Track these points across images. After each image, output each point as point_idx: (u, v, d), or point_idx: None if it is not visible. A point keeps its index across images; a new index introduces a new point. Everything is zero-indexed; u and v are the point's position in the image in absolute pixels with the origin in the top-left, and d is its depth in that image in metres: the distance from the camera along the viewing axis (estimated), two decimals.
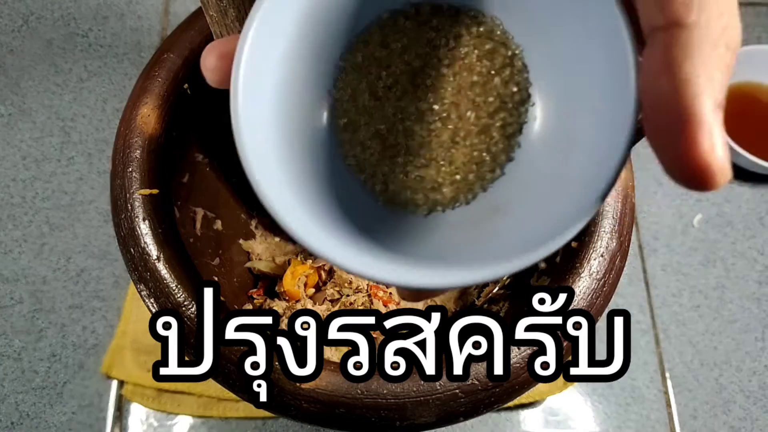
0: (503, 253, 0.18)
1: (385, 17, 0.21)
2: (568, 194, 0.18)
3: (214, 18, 0.30)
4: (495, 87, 0.20)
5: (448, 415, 0.31)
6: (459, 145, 0.21)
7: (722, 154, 0.14)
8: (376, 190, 0.21)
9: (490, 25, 0.20)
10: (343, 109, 0.21)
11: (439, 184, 0.21)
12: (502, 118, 0.21)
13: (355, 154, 0.21)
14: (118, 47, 0.63)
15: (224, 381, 0.31)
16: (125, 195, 0.35)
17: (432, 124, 0.21)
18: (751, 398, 0.52)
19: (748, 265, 0.57)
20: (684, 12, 0.15)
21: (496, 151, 0.21)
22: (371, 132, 0.21)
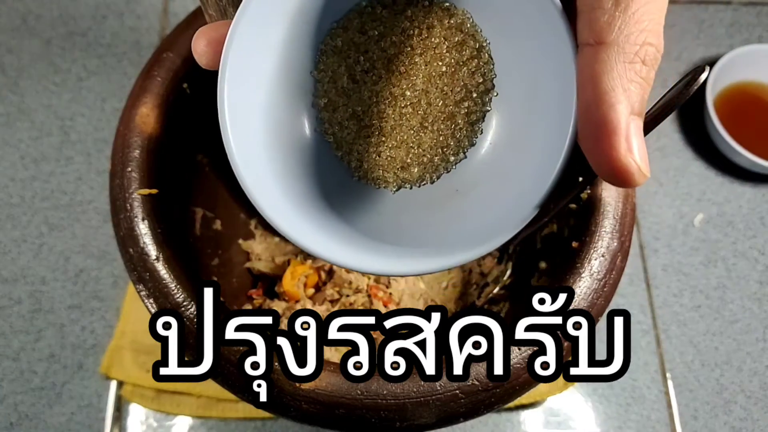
0: (457, 241, 0.20)
1: (364, 5, 0.22)
2: (514, 191, 0.21)
3: (213, 17, 0.30)
4: (462, 77, 0.22)
5: (449, 415, 0.31)
6: (427, 129, 0.23)
7: (639, 156, 0.17)
8: (352, 167, 0.24)
9: (461, 17, 0.22)
10: (323, 89, 0.23)
11: (408, 164, 0.23)
12: (467, 107, 0.22)
13: (333, 132, 0.23)
14: (118, 46, 0.63)
15: (224, 381, 0.31)
16: (124, 195, 0.35)
17: (404, 108, 0.23)
18: (752, 398, 0.52)
19: (750, 265, 0.57)
20: (606, 31, 0.17)
21: (460, 136, 0.23)
22: (349, 113, 0.23)
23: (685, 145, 0.62)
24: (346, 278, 0.45)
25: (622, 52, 0.17)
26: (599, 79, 0.17)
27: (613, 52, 0.17)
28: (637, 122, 0.17)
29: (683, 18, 0.68)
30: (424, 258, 0.20)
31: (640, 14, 0.17)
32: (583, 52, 0.18)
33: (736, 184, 0.60)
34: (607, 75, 0.17)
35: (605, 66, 0.17)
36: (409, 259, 0.20)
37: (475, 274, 0.47)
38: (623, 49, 0.17)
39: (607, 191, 0.35)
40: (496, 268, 0.45)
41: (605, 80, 0.17)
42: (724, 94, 0.61)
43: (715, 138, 0.58)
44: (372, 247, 0.21)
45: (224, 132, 0.20)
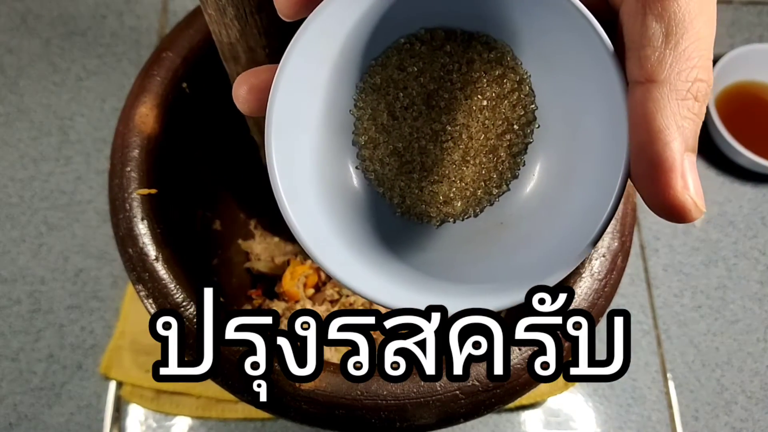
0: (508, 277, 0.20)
1: (402, 42, 0.22)
2: (564, 225, 0.21)
3: (212, 17, 0.30)
4: (503, 110, 0.22)
5: (449, 416, 0.30)
6: (469, 163, 0.23)
7: (694, 192, 0.17)
8: (394, 203, 0.24)
9: (500, 51, 0.22)
10: (363, 127, 0.23)
11: (451, 199, 0.23)
12: (509, 139, 0.22)
13: (374, 169, 0.23)
14: (117, 46, 0.63)
15: (223, 382, 0.31)
16: (123, 195, 0.35)
17: (445, 143, 0.23)
18: (753, 399, 0.51)
19: (750, 266, 0.57)
20: (657, 69, 0.17)
21: (502, 169, 0.23)
22: (389, 149, 0.23)
23: None
24: None
25: (675, 89, 0.17)
26: (652, 117, 0.17)
27: (665, 90, 0.17)
28: (691, 158, 0.17)
29: None
30: (475, 296, 0.20)
31: (690, 51, 0.17)
32: (634, 89, 0.18)
33: (736, 184, 0.60)
34: (661, 113, 0.17)
35: (658, 104, 0.17)
36: (460, 297, 0.20)
37: None
38: (675, 87, 0.17)
39: None
40: None
41: (659, 119, 0.17)
42: (724, 93, 0.61)
43: (715, 138, 0.58)
44: (420, 283, 0.21)
45: (273, 178, 0.20)
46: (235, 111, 0.37)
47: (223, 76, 0.35)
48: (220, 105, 0.39)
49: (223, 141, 0.44)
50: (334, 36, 0.20)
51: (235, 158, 0.46)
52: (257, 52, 0.31)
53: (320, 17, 0.19)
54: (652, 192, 0.17)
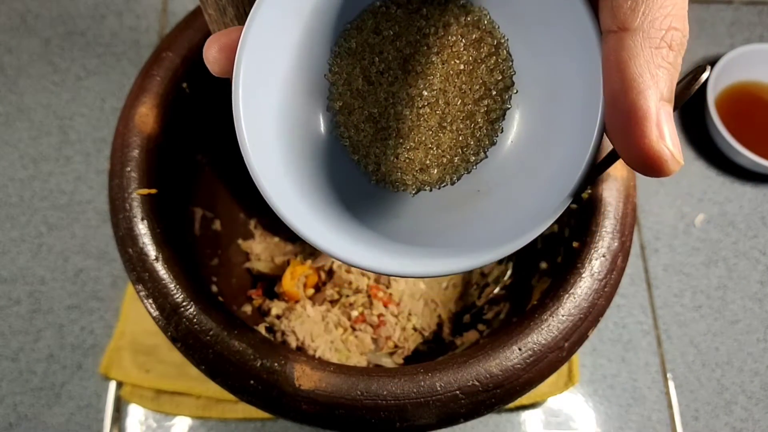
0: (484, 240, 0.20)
1: (378, 5, 0.22)
2: (543, 186, 0.20)
3: (212, 17, 0.30)
4: (481, 75, 0.22)
5: (449, 416, 0.30)
6: (446, 129, 0.22)
7: (671, 143, 0.16)
8: (369, 170, 0.23)
9: (477, 14, 0.21)
10: (338, 92, 0.22)
11: (427, 166, 0.23)
12: (486, 105, 0.22)
13: (349, 135, 0.23)
14: (117, 46, 0.63)
15: (223, 382, 0.31)
16: (123, 195, 0.35)
17: (421, 109, 0.22)
18: (753, 399, 0.51)
19: (751, 266, 0.57)
20: (630, 17, 0.16)
21: (480, 135, 0.22)
22: (365, 115, 0.22)
23: (686, 145, 0.61)
24: (346, 278, 0.45)
25: (648, 37, 0.16)
26: (626, 65, 0.17)
27: (638, 38, 0.16)
28: (667, 108, 0.17)
29: None
30: (449, 258, 0.20)
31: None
32: (608, 39, 0.17)
33: (737, 184, 0.60)
34: (634, 61, 0.16)
35: (631, 52, 0.16)
36: (433, 259, 0.20)
37: (475, 274, 0.47)
38: (649, 35, 0.16)
39: (608, 191, 0.35)
40: (496, 268, 0.45)
41: (632, 66, 0.16)
42: (725, 93, 0.61)
43: (716, 138, 0.58)
44: (392, 248, 0.21)
45: (240, 137, 0.20)
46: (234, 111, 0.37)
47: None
48: (220, 105, 0.39)
49: (223, 141, 0.44)
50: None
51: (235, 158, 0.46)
52: None
53: None
54: (627, 143, 0.17)
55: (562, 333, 0.31)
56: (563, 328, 0.32)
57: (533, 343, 0.31)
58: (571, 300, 0.32)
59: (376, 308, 0.44)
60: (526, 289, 0.39)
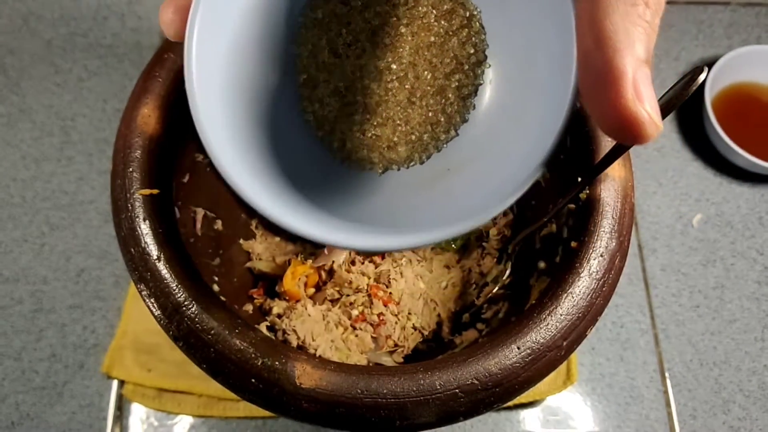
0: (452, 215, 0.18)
1: None
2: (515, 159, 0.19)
3: None
4: (452, 48, 0.21)
5: (448, 414, 0.31)
6: (415, 105, 0.21)
7: (649, 105, 0.15)
8: (334, 147, 0.22)
9: None
10: (302, 65, 0.21)
11: (395, 144, 0.21)
12: (458, 80, 0.21)
13: (313, 110, 0.21)
14: (119, 47, 0.63)
15: (224, 380, 0.31)
16: (126, 195, 0.35)
17: (390, 83, 0.21)
18: (751, 398, 0.52)
19: (748, 265, 0.57)
20: None
21: (451, 111, 0.21)
22: (330, 89, 0.21)
23: (683, 146, 0.62)
24: (347, 278, 0.45)
25: None
26: (599, 23, 0.15)
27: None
28: (644, 70, 0.15)
29: (682, 18, 0.68)
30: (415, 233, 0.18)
31: None
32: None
33: (734, 185, 0.60)
34: (608, 18, 0.15)
35: (605, 10, 0.15)
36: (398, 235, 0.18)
37: (474, 274, 0.47)
38: None
39: (606, 192, 0.35)
40: (495, 267, 0.46)
41: (606, 24, 0.15)
42: (722, 94, 0.61)
43: (713, 138, 0.59)
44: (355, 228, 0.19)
45: (193, 107, 0.17)
46: None
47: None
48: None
49: None
50: None
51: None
52: None
53: None
54: (601, 106, 0.15)
55: (561, 332, 0.32)
56: (562, 327, 0.32)
57: (532, 342, 0.31)
58: (569, 299, 0.32)
59: (376, 307, 0.44)
60: (525, 289, 0.39)
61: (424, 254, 0.47)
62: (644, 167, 0.61)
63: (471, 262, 0.48)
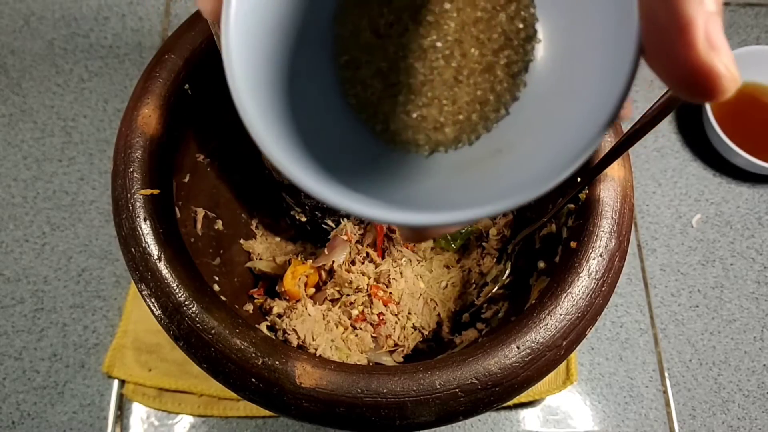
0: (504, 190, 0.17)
1: None
2: (572, 129, 0.18)
3: None
4: (500, 23, 0.20)
5: (448, 414, 0.31)
6: (462, 83, 0.20)
7: (726, 56, 0.13)
8: (377, 130, 0.21)
9: None
10: (344, 46, 0.20)
11: (442, 124, 0.20)
12: (507, 56, 0.20)
13: (356, 92, 0.21)
14: (120, 48, 0.64)
15: (225, 380, 0.31)
16: (126, 195, 0.35)
17: (435, 62, 0.20)
18: (750, 397, 0.52)
19: (747, 265, 0.57)
20: None
21: (500, 90, 0.20)
22: (372, 70, 0.20)
23: (683, 146, 0.62)
24: (347, 278, 0.45)
25: None
26: None
27: None
28: (717, 20, 0.14)
29: None
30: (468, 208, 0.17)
31: None
32: None
33: (733, 185, 0.60)
34: None
35: None
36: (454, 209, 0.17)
37: (474, 274, 0.47)
38: None
39: (605, 192, 0.35)
40: (495, 267, 0.46)
41: None
42: None
43: (712, 138, 0.59)
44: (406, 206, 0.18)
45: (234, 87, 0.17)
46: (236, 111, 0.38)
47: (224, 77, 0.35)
48: (221, 106, 0.39)
49: (225, 142, 0.45)
50: None
51: (237, 159, 0.46)
52: None
53: None
54: (670, 61, 0.14)
55: (560, 332, 0.32)
56: (561, 327, 0.32)
57: (532, 341, 0.31)
58: (569, 299, 0.32)
59: (376, 307, 0.45)
60: (525, 289, 0.39)
61: (424, 254, 0.47)
62: (644, 167, 0.61)
63: (471, 261, 0.48)
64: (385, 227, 0.47)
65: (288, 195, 0.45)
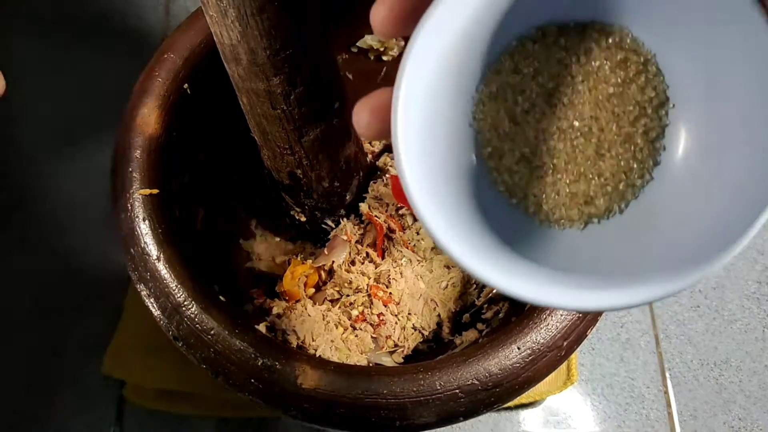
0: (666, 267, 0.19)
1: (514, 44, 0.21)
2: (725, 199, 0.19)
3: (214, 18, 0.30)
4: (632, 95, 0.21)
5: (448, 414, 0.31)
6: (605, 156, 0.21)
7: None
8: (531, 212, 0.22)
9: (618, 35, 0.21)
10: (485, 138, 0.22)
11: (592, 198, 0.22)
12: (644, 124, 0.21)
13: (504, 180, 0.22)
14: (119, 47, 0.64)
15: (224, 381, 0.31)
16: (125, 195, 0.35)
17: (575, 140, 0.21)
18: (751, 398, 0.52)
19: (748, 265, 0.57)
20: None
21: (642, 157, 0.21)
22: (516, 157, 0.22)
23: None
24: (347, 278, 0.45)
25: None
26: None
27: None
28: None
29: None
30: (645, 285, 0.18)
31: None
32: None
33: None
34: None
35: None
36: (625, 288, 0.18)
37: None
38: None
39: None
40: None
41: None
42: None
43: None
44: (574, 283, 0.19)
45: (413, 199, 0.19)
46: (235, 111, 0.38)
47: (224, 77, 0.35)
48: (221, 105, 0.39)
49: (224, 141, 0.45)
50: (446, 47, 0.19)
51: (236, 158, 0.46)
52: (258, 53, 0.31)
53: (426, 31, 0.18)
54: None
55: (561, 332, 0.32)
56: (562, 327, 0.32)
57: (532, 342, 0.31)
58: None
59: (376, 307, 0.44)
60: None
61: (424, 254, 0.47)
62: None
63: None
64: (384, 227, 0.46)
65: (287, 195, 0.45)
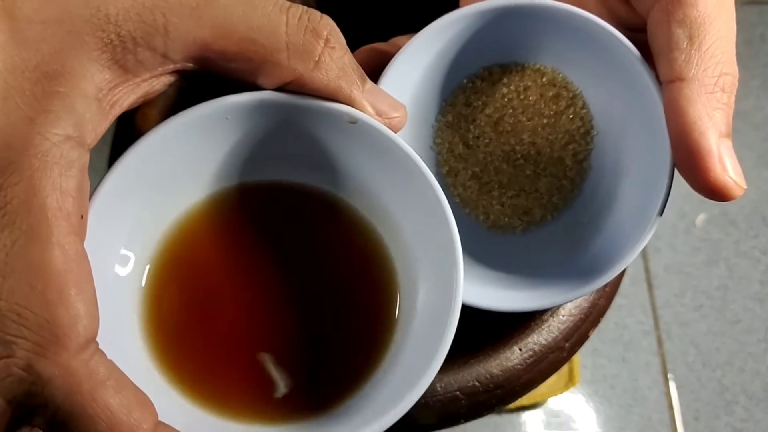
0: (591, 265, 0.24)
1: (465, 82, 0.26)
2: (632, 211, 0.24)
3: None
4: (563, 124, 0.26)
5: (449, 416, 0.30)
6: (540, 175, 0.26)
7: (733, 173, 0.19)
8: (480, 219, 0.27)
9: (551, 74, 0.25)
10: (443, 159, 0.27)
11: (530, 209, 0.27)
12: (573, 149, 0.26)
13: (458, 193, 0.27)
14: None
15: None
16: None
17: (517, 161, 0.26)
18: (754, 399, 0.52)
19: (752, 265, 0.57)
20: (685, 69, 0.19)
21: (572, 175, 0.26)
22: (469, 174, 0.27)
23: None
24: None
25: (703, 85, 0.19)
26: (686, 112, 0.19)
27: (695, 87, 0.19)
28: (726, 143, 0.19)
29: None
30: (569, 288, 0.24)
31: (713, 49, 0.19)
32: (667, 88, 0.20)
33: None
34: (693, 107, 0.19)
35: (689, 99, 0.19)
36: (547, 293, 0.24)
37: None
38: (703, 83, 0.19)
39: None
40: None
41: (691, 112, 0.19)
42: None
43: None
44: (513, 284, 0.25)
45: None
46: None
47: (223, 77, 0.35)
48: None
49: None
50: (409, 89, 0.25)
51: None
52: None
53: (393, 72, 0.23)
54: (694, 177, 0.20)
55: (563, 333, 0.31)
56: (564, 329, 0.32)
57: (534, 343, 0.31)
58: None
59: None
60: None
61: None
62: None
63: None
64: None
65: None
